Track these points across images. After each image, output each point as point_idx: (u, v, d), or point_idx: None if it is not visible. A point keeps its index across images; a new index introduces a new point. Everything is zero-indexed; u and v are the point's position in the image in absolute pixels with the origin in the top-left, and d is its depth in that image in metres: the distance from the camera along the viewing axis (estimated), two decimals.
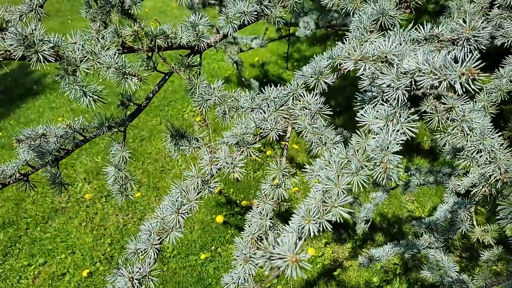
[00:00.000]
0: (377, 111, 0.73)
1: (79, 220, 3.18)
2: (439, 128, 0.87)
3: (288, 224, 0.73)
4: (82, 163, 3.82)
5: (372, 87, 0.76)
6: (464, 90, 0.55)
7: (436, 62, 0.59)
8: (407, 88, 0.67)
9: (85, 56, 0.82)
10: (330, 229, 0.66)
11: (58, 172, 1.03)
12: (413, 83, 0.66)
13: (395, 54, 0.69)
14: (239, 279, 1.05)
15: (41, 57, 0.75)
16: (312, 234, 0.65)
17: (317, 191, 0.72)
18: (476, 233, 1.56)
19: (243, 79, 3.64)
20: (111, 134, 1.05)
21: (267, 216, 0.98)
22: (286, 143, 1.01)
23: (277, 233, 1.00)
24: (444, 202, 1.73)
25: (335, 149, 0.89)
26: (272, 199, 0.99)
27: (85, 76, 0.83)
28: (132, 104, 1.05)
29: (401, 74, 0.67)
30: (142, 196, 3.42)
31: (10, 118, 4.85)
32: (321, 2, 1.23)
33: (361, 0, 1.17)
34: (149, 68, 0.99)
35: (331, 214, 0.67)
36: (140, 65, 0.91)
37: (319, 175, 0.76)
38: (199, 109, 1.05)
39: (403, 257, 1.66)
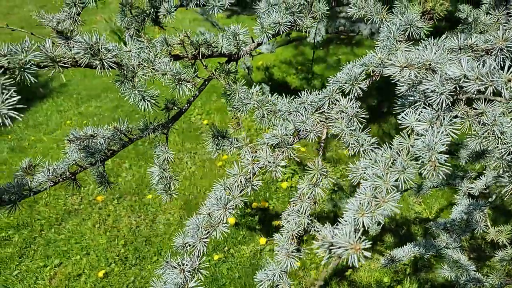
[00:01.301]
0: (420, 114, 0.79)
1: (92, 221, 3.22)
2: (468, 132, 0.93)
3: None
4: None
5: (414, 92, 0.83)
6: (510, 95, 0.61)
7: (481, 69, 0.66)
8: (451, 94, 0.74)
9: (141, 64, 0.88)
10: (382, 222, 0.73)
11: (104, 171, 1.09)
12: (457, 88, 0.72)
13: (438, 62, 0.76)
14: (274, 276, 1.10)
15: (105, 64, 0.81)
16: (366, 226, 0.71)
17: (366, 187, 0.78)
18: (490, 234, 1.63)
19: (253, 83, 3.70)
20: (154, 136, 1.11)
21: (305, 214, 1.04)
22: (322, 144, 1.07)
23: (314, 230, 1.06)
24: (457, 204, 1.80)
25: (372, 150, 0.96)
26: (309, 198, 1.05)
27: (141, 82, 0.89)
28: (175, 107, 1.10)
29: (445, 81, 0.74)
30: (153, 198, 3.47)
31: (19, 121, 4.89)
32: (348, 13, 1.30)
33: (387, 12, 1.24)
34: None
35: (382, 208, 0.73)
36: (187, 71, 0.97)
37: (365, 173, 0.82)
38: (238, 112, 1.11)
39: (418, 258, 1.71)
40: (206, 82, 1.14)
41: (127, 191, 3.57)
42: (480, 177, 1.77)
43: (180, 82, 0.87)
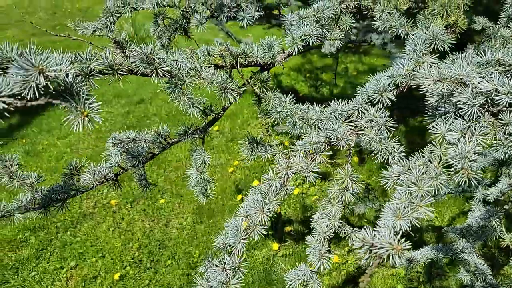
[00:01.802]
0: (451, 125, 0.85)
1: (106, 225, 3.28)
2: (493, 142, 0.98)
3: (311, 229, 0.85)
4: None
5: (445, 104, 0.88)
6: None
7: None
8: (482, 106, 0.79)
9: (189, 72, 0.94)
10: (418, 226, 0.78)
11: (145, 172, 1.15)
12: (488, 101, 0.78)
13: (469, 76, 0.82)
14: (304, 275, 1.15)
15: (159, 73, 0.87)
16: (404, 229, 0.77)
17: (401, 193, 0.84)
18: (506, 240, 1.67)
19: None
20: (192, 140, 1.17)
21: (335, 217, 1.09)
22: (351, 151, 1.12)
23: (344, 232, 1.11)
24: (472, 210, 1.84)
25: (401, 158, 1.01)
26: (339, 202, 1.10)
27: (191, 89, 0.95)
28: (212, 113, 1.16)
29: (476, 94, 0.79)
30: (166, 202, 3.53)
31: (33, 125, 4.97)
32: (373, 26, 1.36)
33: (411, 25, 1.30)
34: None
35: (418, 212, 0.79)
36: (228, 80, 1.03)
37: (399, 179, 0.88)
38: (271, 120, 1.16)
39: (434, 260, 1.75)
40: (241, 90, 1.20)
41: (140, 195, 3.62)
42: (496, 184, 1.82)
43: (226, 90, 0.93)
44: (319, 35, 1.23)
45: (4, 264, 2.97)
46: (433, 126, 0.89)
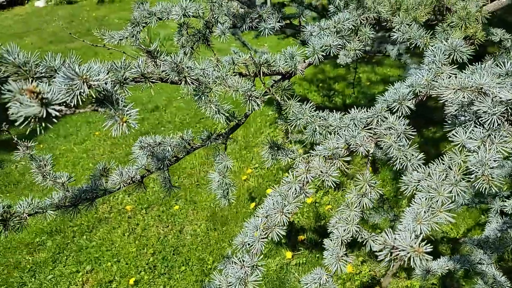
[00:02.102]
0: (471, 133, 0.87)
1: (122, 230, 3.33)
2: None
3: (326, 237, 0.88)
4: None
5: (464, 113, 0.91)
6: None
7: None
8: (502, 115, 0.81)
9: (215, 81, 0.98)
10: (437, 229, 0.80)
11: (169, 175, 1.18)
12: (508, 110, 0.80)
13: (489, 86, 0.84)
14: (320, 279, 1.17)
15: (188, 81, 0.91)
16: (424, 233, 0.79)
17: (421, 198, 0.86)
18: None
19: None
20: (216, 144, 1.20)
21: (353, 222, 1.11)
22: (370, 157, 1.15)
23: (362, 237, 1.13)
24: (490, 222, 1.84)
25: (419, 165, 1.03)
26: (357, 207, 1.12)
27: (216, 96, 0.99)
28: (235, 120, 1.20)
29: (496, 103, 0.81)
30: (180, 209, 3.57)
31: (50, 131, 5.08)
32: (392, 37, 1.39)
33: (430, 37, 1.33)
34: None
35: (438, 217, 0.81)
36: (253, 88, 1.07)
37: (419, 185, 0.90)
38: (291, 127, 1.20)
39: (452, 272, 1.75)
40: (263, 98, 1.24)
41: (155, 201, 3.67)
42: None
43: (250, 98, 0.97)
44: (339, 46, 1.27)
45: (22, 266, 3.03)
46: (453, 134, 0.92)
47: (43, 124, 0.60)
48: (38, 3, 11.57)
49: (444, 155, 0.94)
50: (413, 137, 1.09)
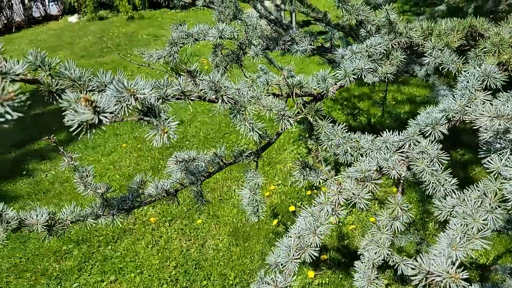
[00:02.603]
0: (507, 160, 0.87)
1: (145, 241, 3.38)
2: None
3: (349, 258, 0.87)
4: None
5: (500, 140, 0.91)
6: None
7: None
8: None
9: (250, 100, 1.02)
10: (472, 256, 0.80)
11: (201, 189, 1.22)
12: None
13: None
14: None
15: (225, 100, 0.95)
16: (460, 259, 0.79)
17: (456, 224, 0.86)
18: None
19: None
20: (247, 162, 1.24)
21: (384, 245, 1.11)
22: (402, 181, 1.16)
23: (393, 261, 1.13)
24: None
25: (452, 190, 1.04)
26: (388, 230, 1.13)
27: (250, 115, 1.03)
28: (267, 138, 1.23)
29: None
30: (202, 223, 3.60)
31: (79, 142, 5.25)
32: (424, 61, 1.41)
33: (463, 62, 1.34)
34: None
35: (473, 244, 0.81)
36: (286, 108, 1.10)
37: (454, 211, 0.90)
38: (322, 147, 1.22)
39: None
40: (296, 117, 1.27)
41: (178, 214, 3.72)
42: None
43: (283, 117, 1.00)
44: (370, 69, 1.29)
45: (49, 274, 3.12)
46: (487, 161, 0.92)
47: (93, 130, 0.65)
48: (71, 19, 12.08)
49: (478, 181, 0.95)
50: (446, 162, 1.09)
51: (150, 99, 0.69)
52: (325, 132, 1.21)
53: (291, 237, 1.08)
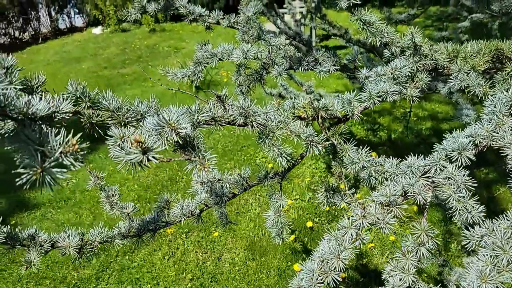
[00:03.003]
0: None
1: (162, 253, 3.40)
2: None
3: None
4: None
5: None
6: None
7: None
8: None
9: (278, 125, 1.03)
10: None
11: (226, 210, 1.23)
12: None
13: None
14: None
15: (255, 125, 0.97)
16: None
17: (485, 255, 0.85)
18: None
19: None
20: (271, 184, 1.24)
21: (409, 271, 1.10)
22: (427, 206, 1.14)
23: (418, 287, 1.11)
24: None
25: (479, 217, 1.02)
26: (414, 256, 1.11)
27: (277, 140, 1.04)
28: (292, 161, 1.24)
29: None
30: (219, 236, 3.61)
31: (100, 152, 5.36)
32: (450, 83, 1.39)
33: (489, 86, 1.32)
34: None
35: (503, 277, 0.79)
36: (314, 133, 1.11)
37: (482, 241, 0.89)
38: (346, 170, 1.22)
39: None
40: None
41: (194, 226, 3.74)
42: None
43: (312, 143, 1.01)
44: (395, 92, 1.29)
45: (67, 281, 3.16)
46: None
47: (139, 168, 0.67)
48: (95, 31, 12.42)
49: (503, 201, 0.93)
50: (473, 188, 1.07)
51: (189, 132, 0.71)
52: (349, 155, 1.21)
53: (314, 260, 1.08)
